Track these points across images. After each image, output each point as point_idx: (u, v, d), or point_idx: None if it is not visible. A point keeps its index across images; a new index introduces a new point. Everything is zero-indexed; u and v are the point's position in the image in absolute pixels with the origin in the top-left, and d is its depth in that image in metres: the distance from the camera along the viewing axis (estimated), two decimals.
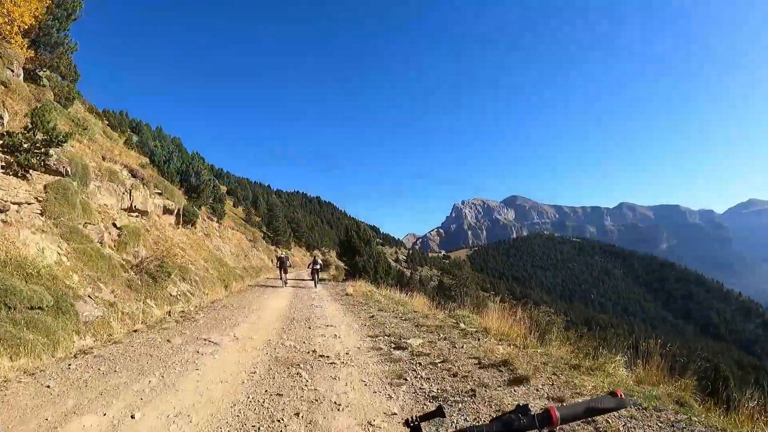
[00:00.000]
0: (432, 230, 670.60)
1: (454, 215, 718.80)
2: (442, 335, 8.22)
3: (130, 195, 17.75)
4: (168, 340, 7.27)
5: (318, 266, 22.57)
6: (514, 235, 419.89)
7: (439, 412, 1.25)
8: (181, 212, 24.31)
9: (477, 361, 6.29)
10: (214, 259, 23.21)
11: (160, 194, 22.20)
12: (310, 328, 8.52)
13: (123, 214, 16.69)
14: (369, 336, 7.69)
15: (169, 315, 11.53)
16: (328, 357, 6.15)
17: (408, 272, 70.01)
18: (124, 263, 13.16)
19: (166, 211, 22.29)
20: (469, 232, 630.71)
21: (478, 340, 8.14)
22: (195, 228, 26.12)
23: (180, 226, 23.97)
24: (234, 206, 68.51)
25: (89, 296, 10.53)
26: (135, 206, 17.74)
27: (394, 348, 6.80)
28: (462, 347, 7.20)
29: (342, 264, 41.92)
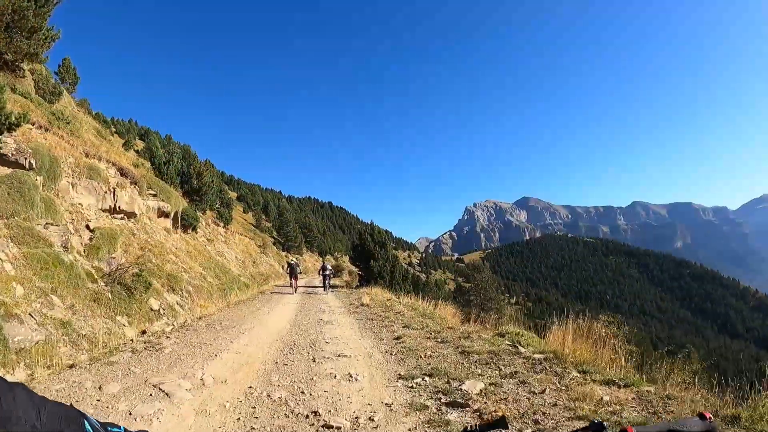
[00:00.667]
0: (444, 233, 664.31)
1: (466, 218, 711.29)
2: (503, 368, 5.59)
3: (114, 194, 15.40)
4: (100, 387, 4.73)
5: (328, 272, 21.58)
6: (527, 237, 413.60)
7: (501, 423, 1.04)
8: (179, 216, 21.98)
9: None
10: (216, 266, 20.81)
11: (154, 195, 19.90)
12: (314, 360, 5.87)
13: (103, 215, 14.32)
14: (401, 377, 5.00)
15: (143, 336, 9.06)
16: (339, 429, 3.57)
17: (423, 276, 67.13)
18: (93, 272, 10.74)
19: (162, 214, 19.96)
20: (482, 235, 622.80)
21: (557, 374, 5.52)
22: (196, 233, 23.78)
23: (178, 230, 21.64)
24: (244, 212, 66.46)
25: (31, 314, 8.10)
26: (119, 207, 15.38)
27: (445, 404, 4.17)
28: (544, 392, 4.60)
29: (355, 269, 39.40)
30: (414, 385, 4.72)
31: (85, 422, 0.80)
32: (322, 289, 21.09)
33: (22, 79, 19.37)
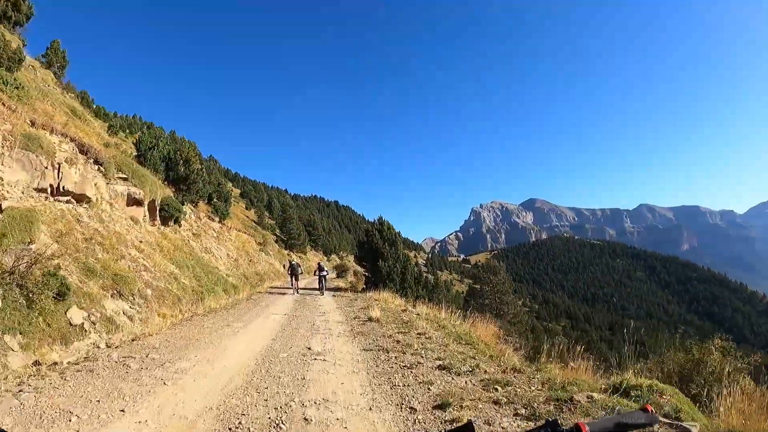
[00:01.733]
0: (450, 234, 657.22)
1: (472, 219, 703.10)
2: None
3: (59, 172, 12.05)
4: None
5: (324, 273, 20.40)
6: (533, 239, 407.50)
7: (468, 428, 1.04)
8: (157, 205, 18.62)
9: None
10: (199, 265, 17.42)
11: (125, 179, 16.58)
12: None
13: (38, 195, 10.95)
14: None
15: (34, 368, 5.61)
16: None
17: (431, 278, 63.45)
18: None
19: (133, 201, 16.61)
20: (488, 236, 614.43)
21: None
22: (179, 226, 20.40)
23: (156, 221, 18.29)
24: (246, 209, 63.22)
25: None
26: (64, 187, 12.00)
27: None
28: None
29: (361, 270, 35.83)
30: None
31: None
32: (319, 292, 19.61)
33: None
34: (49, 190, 11.52)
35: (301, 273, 21.69)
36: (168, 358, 5.65)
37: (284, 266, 32.09)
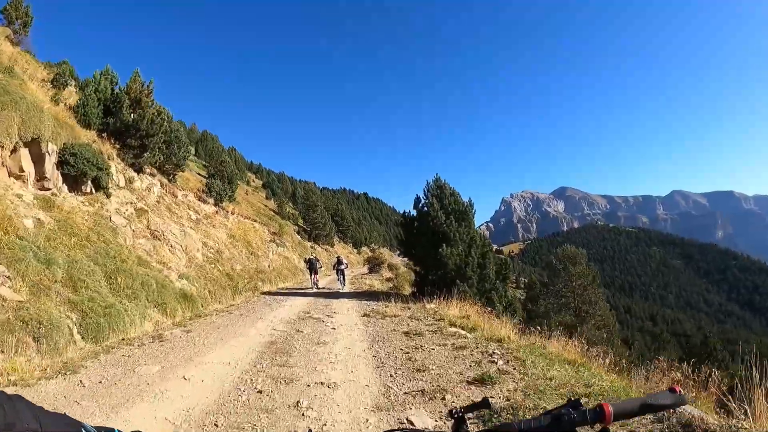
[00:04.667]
0: (481, 224, 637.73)
1: (503, 209, 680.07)
2: None
3: None
4: None
5: (343, 266, 18.47)
6: (565, 228, 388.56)
7: (485, 404, 1.05)
8: (50, 152, 9.96)
9: None
10: (105, 256, 8.69)
11: None
12: None
13: None
14: None
15: None
16: None
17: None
18: None
19: None
20: (519, 226, 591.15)
21: None
22: (107, 195, 11.73)
23: (47, 180, 9.64)
24: (267, 199, 55.21)
25: None
26: None
27: None
28: None
29: (400, 261, 26.72)
30: None
31: (82, 429, 0.80)
32: (339, 287, 18.10)
33: None
34: None
35: (320, 267, 19.45)
36: None
37: (305, 260, 23.81)
